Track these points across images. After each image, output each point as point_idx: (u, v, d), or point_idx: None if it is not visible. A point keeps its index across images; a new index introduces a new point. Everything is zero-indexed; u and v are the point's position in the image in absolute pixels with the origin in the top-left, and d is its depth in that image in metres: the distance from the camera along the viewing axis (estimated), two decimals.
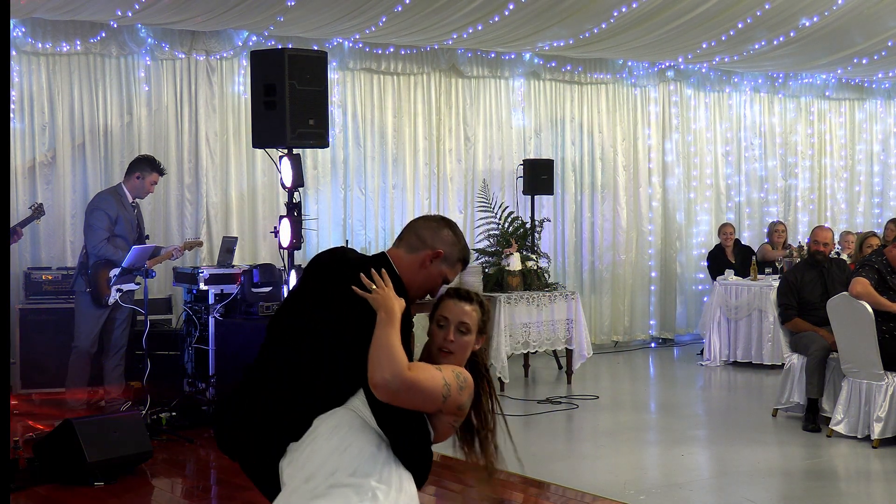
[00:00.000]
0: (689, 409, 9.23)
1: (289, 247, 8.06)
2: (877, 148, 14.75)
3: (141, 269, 8.30)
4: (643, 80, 12.68)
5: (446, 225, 3.48)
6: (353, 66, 10.93)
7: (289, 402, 3.24)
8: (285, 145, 7.93)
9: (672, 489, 6.59)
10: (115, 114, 9.77)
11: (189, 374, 8.81)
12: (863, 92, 14.48)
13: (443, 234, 3.45)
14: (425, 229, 3.45)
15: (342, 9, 9.29)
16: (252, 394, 3.35)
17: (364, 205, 11.02)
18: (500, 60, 11.74)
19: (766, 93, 13.72)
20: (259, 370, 3.42)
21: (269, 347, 3.48)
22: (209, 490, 6.90)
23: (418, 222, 3.52)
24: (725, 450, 7.59)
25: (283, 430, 3.23)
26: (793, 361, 8.43)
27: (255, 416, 3.29)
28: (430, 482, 6.74)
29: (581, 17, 9.98)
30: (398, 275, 3.36)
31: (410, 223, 3.52)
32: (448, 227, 3.48)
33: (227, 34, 10.12)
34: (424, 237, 3.43)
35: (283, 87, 7.79)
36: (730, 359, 11.13)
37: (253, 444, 3.31)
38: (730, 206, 13.44)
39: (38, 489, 6.51)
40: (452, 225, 3.50)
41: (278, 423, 3.24)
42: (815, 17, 10.39)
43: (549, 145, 12.05)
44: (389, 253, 3.46)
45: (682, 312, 13.03)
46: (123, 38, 9.69)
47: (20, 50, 9.31)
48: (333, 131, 10.22)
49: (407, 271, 3.40)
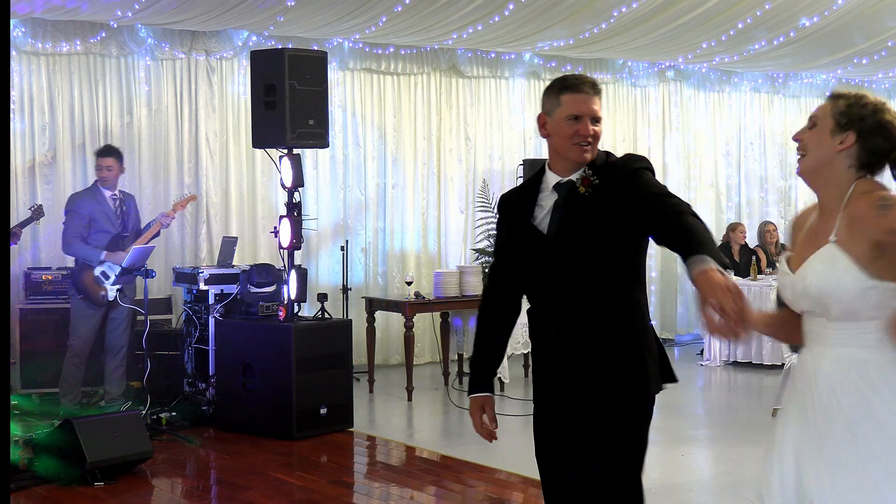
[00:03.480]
0: (689, 409, 9.22)
1: (289, 247, 8.07)
2: None
3: (141, 268, 8.30)
4: (643, 80, 12.68)
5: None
6: (353, 66, 10.93)
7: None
8: (285, 145, 7.94)
9: (672, 489, 6.59)
10: (115, 114, 9.77)
11: (189, 374, 8.82)
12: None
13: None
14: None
15: (342, 9, 9.29)
16: None
17: (364, 205, 11.02)
18: (500, 60, 11.74)
19: (766, 93, 13.72)
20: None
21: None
22: (209, 490, 6.91)
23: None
24: (725, 450, 7.59)
25: None
26: (793, 361, 8.42)
27: None
28: (429, 482, 6.76)
29: (581, 17, 9.98)
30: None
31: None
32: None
33: (227, 34, 10.13)
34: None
35: (283, 87, 7.80)
36: (730, 359, 11.13)
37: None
38: (730, 206, 13.44)
39: (38, 489, 6.51)
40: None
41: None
42: (815, 18, 10.39)
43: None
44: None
45: (683, 312, 13.03)
46: (123, 38, 9.69)
47: (20, 50, 9.31)
48: (333, 131, 10.22)
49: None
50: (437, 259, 11.37)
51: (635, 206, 3.36)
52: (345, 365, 8.16)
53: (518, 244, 3.57)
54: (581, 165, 3.49)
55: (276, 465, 7.15)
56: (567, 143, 3.46)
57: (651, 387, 3.47)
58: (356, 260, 10.89)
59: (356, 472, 7.31)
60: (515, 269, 3.60)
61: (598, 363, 3.43)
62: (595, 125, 3.46)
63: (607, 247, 3.39)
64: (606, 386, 3.43)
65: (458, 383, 9.84)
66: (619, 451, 3.43)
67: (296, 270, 8.10)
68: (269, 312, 8.28)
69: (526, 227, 3.54)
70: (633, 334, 3.44)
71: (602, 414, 3.42)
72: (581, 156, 3.46)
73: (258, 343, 8.00)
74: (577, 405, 3.46)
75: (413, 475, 6.98)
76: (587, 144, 3.45)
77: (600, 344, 3.43)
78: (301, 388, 7.79)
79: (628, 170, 3.44)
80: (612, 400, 3.43)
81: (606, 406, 3.43)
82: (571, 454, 3.48)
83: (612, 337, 3.42)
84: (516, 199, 3.66)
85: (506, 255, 3.66)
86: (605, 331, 3.43)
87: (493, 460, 7.13)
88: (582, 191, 3.44)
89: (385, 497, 6.57)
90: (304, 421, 7.83)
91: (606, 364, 3.42)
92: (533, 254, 3.50)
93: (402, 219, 11.22)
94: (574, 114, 3.44)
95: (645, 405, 3.49)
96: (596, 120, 3.47)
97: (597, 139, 3.48)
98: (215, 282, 8.63)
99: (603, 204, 3.40)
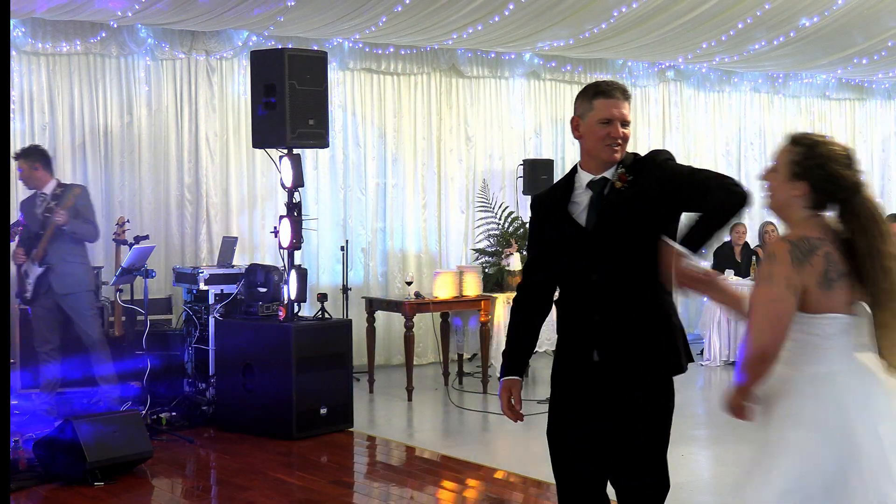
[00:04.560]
0: (689, 409, 9.22)
1: (289, 247, 8.07)
2: (877, 148, 14.75)
3: (141, 268, 8.30)
4: (643, 80, 12.68)
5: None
6: (353, 66, 10.93)
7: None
8: (285, 145, 7.94)
9: (672, 489, 6.57)
10: (115, 114, 9.77)
11: (189, 374, 8.82)
12: (863, 92, 14.48)
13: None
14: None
15: (342, 9, 9.29)
16: None
17: (364, 205, 11.02)
18: (500, 60, 11.74)
19: (766, 93, 13.72)
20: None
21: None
22: (209, 490, 6.90)
23: None
24: (725, 450, 7.58)
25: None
26: None
27: None
28: (429, 482, 6.76)
29: (581, 17, 9.98)
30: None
31: None
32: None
33: (227, 34, 10.13)
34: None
35: (283, 87, 7.80)
36: (730, 359, 11.12)
37: None
38: None
39: (38, 489, 6.51)
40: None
41: None
42: (815, 18, 10.39)
43: (549, 145, 12.05)
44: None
45: (683, 312, 12.96)
46: (123, 38, 9.69)
47: (20, 50, 9.31)
48: (333, 131, 10.22)
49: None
50: (437, 259, 11.37)
51: (674, 186, 3.68)
52: (345, 365, 8.16)
53: (557, 239, 3.87)
54: (611, 164, 3.80)
55: (276, 465, 7.15)
56: (599, 145, 3.78)
57: (683, 364, 3.82)
58: (356, 260, 10.89)
59: (356, 472, 7.31)
60: (551, 263, 3.89)
61: (638, 342, 3.74)
62: (624, 128, 3.78)
63: (644, 236, 3.68)
64: (647, 362, 3.75)
65: (458, 383, 9.84)
66: (655, 420, 3.78)
67: (296, 270, 8.10)
68: (269, 312, 8.28)
69: (564, 222, 3.84)
70: (667, 317, 3.78)
71: (642, 386, 3.75)
72: (611, 156, 3.78)
73: (258, 343, 8.00)
74: (618, 382, 3.75)
75: (413, 475, 6.98)
76: (617, 146, 3.77)
77: (640, 325, 3.74)
78: (301, 388, 7.79)
79: (658, 161, 3.78)
80: (652, 375, 3.77)
81: (646, 380, 3.76)
82: (610, 424, 3.77)
83: (649, 319, 3.75)
84: (550, 197, 3.94)
85: (542, 250, 3.95)
86: (643, 313, 3.74)
87: (493, 460, 7.13)
88: (619, 185, 3.75)
89: (385, 497, 6.57)
90: (304, 421, 7.83)
91: (646, 342, 3.74)
92: (573, 247, 3.81)
93: (403, 219, 11.22)
94: (606, 118, 3.76)
95: (671, 383, 3.84)
96: (625, 123, 3.79)
97: (626, 141, 3.81)
98: (215, 282, 8.63)
99: (638, 197, 3.72)
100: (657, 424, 3.80)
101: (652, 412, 3.79)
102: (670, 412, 3.85)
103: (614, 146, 3.76)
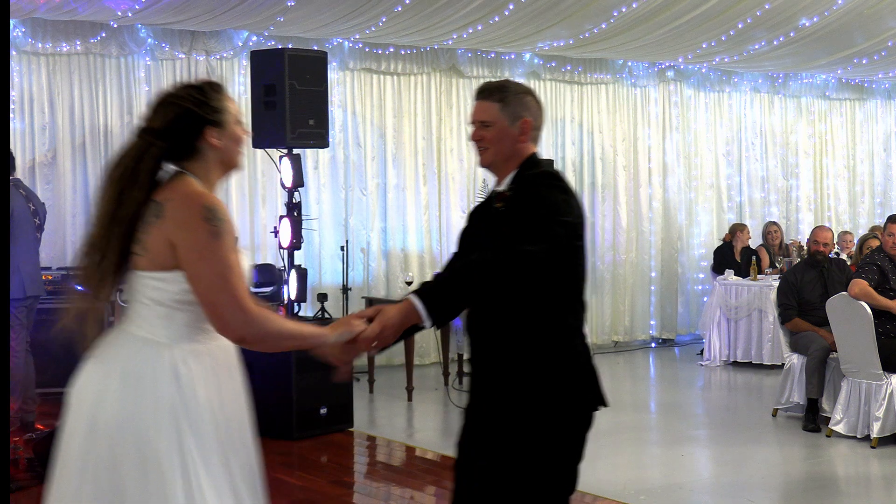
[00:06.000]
0: (689, 409, 9.23)
1: (289, 247, 8.08)
2: (878, 148, 14.75)
3: None
4: (643, 80, 12.68)
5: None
6: (353, 66, 10.93)
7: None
8: (285, 145, 7.94)
9: (672, 489, 6.59)
10: (115, 114, 9.77)
11: None
12: (863, 92, 14.48)
13: None
14: None
15: (342, 9, 9.29)
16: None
17: (365, 204, 11.03)
18: (500, 60, 11.74)
19: (766, 93, 13.72)
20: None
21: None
22: None
23: None
24: (725, 450, 7.59)
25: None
26: (793, 361, 8.43)
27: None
28: (429, 482, 6.76)
29: (581, 17, 9.98)
30: None
31: None
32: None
33: (227, 34, 10.13)
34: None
35: (283, 87, 7.80)
36: (730, 359, 11.12)
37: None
38: (730, 207, 13.43)
39: (38, 489, 6.50)
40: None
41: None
42: (815, 18, 10.39)
43: (549, 145, 12.05)
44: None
45: (683, 313, 13.02)
46: (123, 38, 9.69)
47: (20, 50, 9.31)
48: (333, 131, 10.22)
49: None
50: (438, 259, 11.37)
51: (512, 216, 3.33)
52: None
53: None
54: (497, 172, 3.53)
55: (276, 465, 7.14)
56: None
57: (556, 409, 3.34)
58: (356, 260, 10.89)
59: (356, 472, 7.31)
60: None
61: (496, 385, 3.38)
62: (484, 129, 3.46)
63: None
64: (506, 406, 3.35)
65: (458, 383, 9.84)
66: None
67: (296, 270, 8.11)
68: None
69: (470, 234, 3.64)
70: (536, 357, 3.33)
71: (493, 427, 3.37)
72: (480, 159, 3.52)
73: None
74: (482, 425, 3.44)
75: (413, 475, 6.99)
76: (481, 149, 3.48)
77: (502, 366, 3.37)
78: (301, 388, 7.79)
79: (535, 183, 3.38)
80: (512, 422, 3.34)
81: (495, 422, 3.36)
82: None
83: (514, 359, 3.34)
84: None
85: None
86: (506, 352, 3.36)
87: None
88: (499, 206, 3.45)
89: (385, 497, 6.57)
90: (304, 421, 7.83)
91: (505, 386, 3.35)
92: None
93: (403, 219, 11.22)
94: (470, 120, 3.52)
95: (551, 429, 3.34)
96: (484, 124, 3.46)
97: (491, 142, 3.46)
98: None
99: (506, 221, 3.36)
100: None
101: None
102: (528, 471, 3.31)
103: (478, 149, 3.48)
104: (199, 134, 3.07)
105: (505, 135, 3.43)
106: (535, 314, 3.31)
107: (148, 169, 3.01)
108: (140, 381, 2.96)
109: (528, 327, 3.31)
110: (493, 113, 3.43)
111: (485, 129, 3.44)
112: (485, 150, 3.46)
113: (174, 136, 3.04)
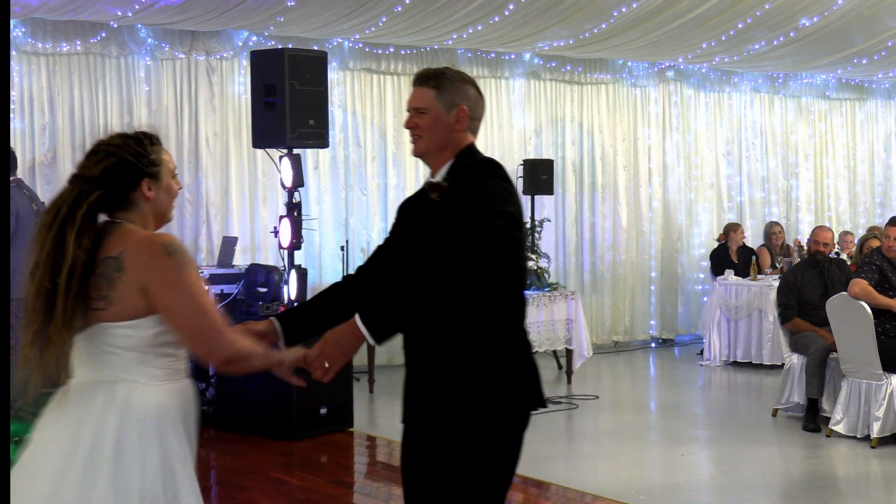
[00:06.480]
0: (689, 409, 9.23)
1: (289, 247, 8.07)
2: (878, 148, 14.76)
3: None
4: (643, 80, 12.68)
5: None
6: (353, 66, 10.94)
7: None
8: (285, 145, 7.94)
9: (672, 489, 6.59)
10: (115, 114, 9.77)
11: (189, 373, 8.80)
12: (863, 92, 14.48)
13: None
14: None
15: (342, 9, 9.29)
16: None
17: (365, 204, 11.03)
18: (500, 60, 11.74)
19: (766, 93, 13.72)
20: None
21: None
22: (209, 490, 6.89)
23: None
24: (725, 450, 7.59)
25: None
26: (793, 361, 8.43)
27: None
28: None
29: (581, 17, 9.98)
30: None
31: None
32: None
33: (227, 34, 10.13)
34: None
35: (283, 87, 7.80)
36: (730, 359, 11.12)
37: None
38: (731, 207, 13.43)
39: None
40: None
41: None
42: (815, 18, 10.39)
43: (549, 145, 12.05)
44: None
45: (683, 312, 13.02)
46: (123, 38, 9.69)
47: (20, 50, 9.31)
48: (333, 131, 10.22)
49: None
50: None
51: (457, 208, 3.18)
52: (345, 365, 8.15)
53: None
54: (432, 162, 3.38)
55: (276, 465, 7.15)
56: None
57: (496, 409, 3.22)
58: (357, 260, 10.88)
59: (356, 472, 7.31)
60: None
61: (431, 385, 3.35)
62: (418, 117, 3.36)
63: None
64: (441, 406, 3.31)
65: None
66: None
67: (296, 270, 8.10)
68: (270, 312, 8.28)
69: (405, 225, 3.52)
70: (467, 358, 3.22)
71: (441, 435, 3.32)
72: (413, 148, 3.40)
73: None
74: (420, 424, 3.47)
75: None
76: (414, 136, 3.38)
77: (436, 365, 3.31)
78: (301, 388, 7.76)
79: (475, 173, 3.24)
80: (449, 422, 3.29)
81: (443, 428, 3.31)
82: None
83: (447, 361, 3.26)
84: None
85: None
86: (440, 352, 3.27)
87: None
88: (434, 196, 3.31)
89: (385, 497, 6.57)
90: (304, 421, 7.83)
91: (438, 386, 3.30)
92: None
93: None
94: (407, 107, 3.41)
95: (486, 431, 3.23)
96: (419, 111, 3.36)
97: (424, 130, 3.35)
98: (216, 282, 8.63)
99: (444, 213, 3.24)
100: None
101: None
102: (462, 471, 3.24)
103: (412, 136, 3.35)
104: (135, 186, 3.02)
105: (439, 122, 3.30)
106: (478, 311, 3.17)
107: (84, 216, 2.93)
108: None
109: (471, 326, 3.18)
110: (427, 100, 3.32)
111: (419, 117, 3.33)
112: (418, 138, 3.34)
113: (110, 186, 2.98)
